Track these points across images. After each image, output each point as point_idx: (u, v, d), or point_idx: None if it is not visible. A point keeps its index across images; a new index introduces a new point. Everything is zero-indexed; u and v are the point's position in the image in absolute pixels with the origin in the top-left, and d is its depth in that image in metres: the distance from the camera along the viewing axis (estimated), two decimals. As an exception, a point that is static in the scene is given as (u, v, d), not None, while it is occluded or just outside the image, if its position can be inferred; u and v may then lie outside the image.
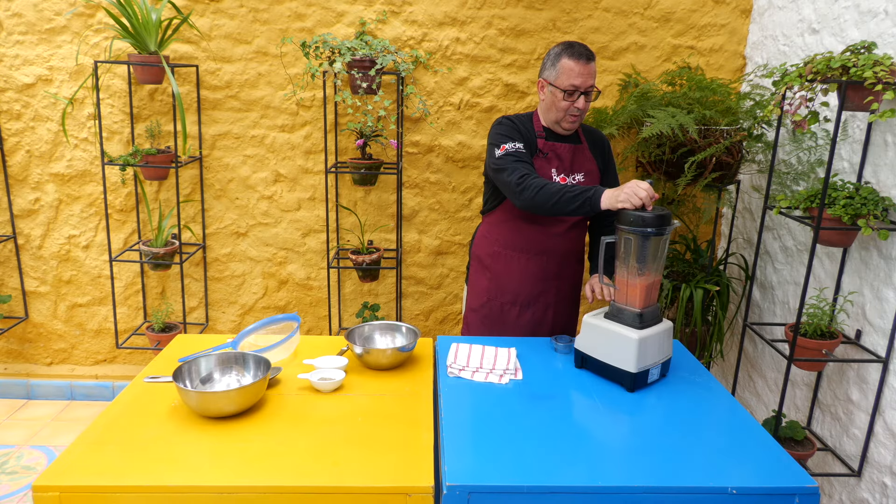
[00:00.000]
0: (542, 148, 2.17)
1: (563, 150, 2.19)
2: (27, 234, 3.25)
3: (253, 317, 3.41)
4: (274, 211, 3.26)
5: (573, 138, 2.23)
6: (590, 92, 2.09)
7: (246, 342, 1.93)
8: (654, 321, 1.79)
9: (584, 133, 2.27)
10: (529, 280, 2.24)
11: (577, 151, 2.21)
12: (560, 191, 1.93)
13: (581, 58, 2.05)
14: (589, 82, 2.08)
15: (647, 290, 1.76)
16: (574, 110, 2.09)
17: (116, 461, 1.38)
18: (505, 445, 1.45)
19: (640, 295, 1.76)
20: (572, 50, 2.07)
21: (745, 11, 3.06)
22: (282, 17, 3.02)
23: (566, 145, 2.19)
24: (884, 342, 2.13)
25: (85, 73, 3.05)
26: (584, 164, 2.21)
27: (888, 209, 2.09)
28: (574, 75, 2.05)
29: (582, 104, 2.08)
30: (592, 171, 2.22)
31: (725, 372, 3.19)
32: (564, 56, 2.07)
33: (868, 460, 2.20)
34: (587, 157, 2.23)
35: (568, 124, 2.14)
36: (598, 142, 2.28)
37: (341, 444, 1.46)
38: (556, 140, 2.19)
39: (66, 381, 3.34)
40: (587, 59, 2.06)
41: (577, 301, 2.39)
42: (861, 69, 1.94)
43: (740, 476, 1.37)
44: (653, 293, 1.79)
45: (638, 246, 1.74)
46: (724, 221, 3.23)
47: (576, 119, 2.13)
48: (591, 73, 2.08)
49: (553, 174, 2.16)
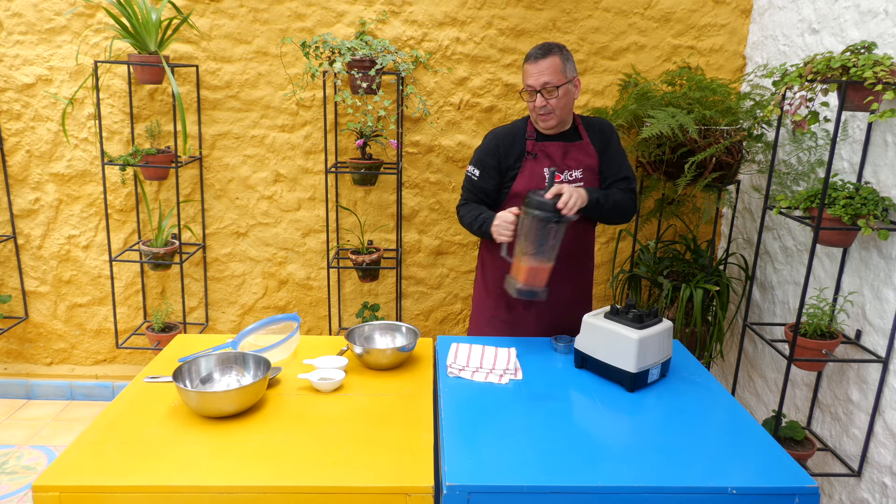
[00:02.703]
0: (531, 150, 2.20)
1: (553, 148, 2.19)
2: (27, 234, 3.25)
3: (253, 317, 3.41)
4: (274, 211, 3.26)
5: (569, 135, 2.21)
6: (548, 89, 2.09)
7: (246, 342, 1.93)
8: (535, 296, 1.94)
9: (586, 126, 2.25)
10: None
11: (574, 148, 2.20)
12: (472, 219, 2.18)
13: (531, 58, 2.10)
14: (542, 80, 2.08)
15: (530, 271, 1.92)
16: (539, 109, 2.12)
17: (116, 461, 1.38)
18: (505, 445, 1.45)
19: (524, 273, 1.93)
20: (528, 53, 2.13)
21: (745, 11, 3.06)
22: (282, 17, 3.02)
23: (557, 143, 2.19)
24: (884, 342, 2.13)
25: (85, 73, 3.05)
26: (580, 161, 2.19)
27: (888, 209, 2.09)
28: (528, 76, 2.11)
29: (539, 102, 2.10)
30: (591, 165, 2.20)
31: (725, 372, 3.19)
32: (524, 61, 2.15)
33: (868, 460, 2.20)
34: (586, 153, 2.20)
35: (542, 123, 2.17)
36: (598, 132, 2.24)
37: (341, 444, 1.46)
38: (547, 139, 2.20)
39: (66, 381, 3.34)
40: (535, 57, 2.09)
41: (588, 304, 2.36)
42: (861, 69, 1.94)
43: (740, 476, 1.37)
44: (538, 276, 1.94)
45: (526, 225, 1.90)
46: (724, 221, 3.23)
47: (545, 117, 2.14)
48: (544, 70, 2.08)
49: (546, 173, 2.17)
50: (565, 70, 2.10)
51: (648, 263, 3.02)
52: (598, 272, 3.39)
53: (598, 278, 3.40)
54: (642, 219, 3.11)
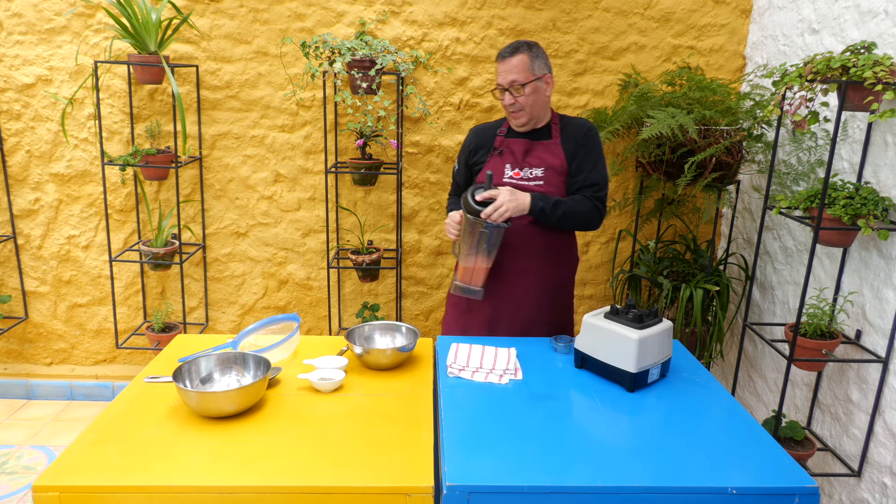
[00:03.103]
0: (498, 146, 2.24)
1: (517, 145, 2.22)
2: (27, 234, 3.25)
3: (253, 317, 3.41)
4: (274, 211, 3.26)
5: (539, 133, 2.22)
6: (515, 87, 2.11)
7: (246, 342, 1.93)
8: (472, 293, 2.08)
9: (563, 126, 2.24)
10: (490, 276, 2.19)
11: (539, 147, 2.20)
12: (448, 212, 2.25)
13: (500, 56, 2.14)
14: (510, 78, 2.11)
15: (466, 270, 2.07)
16: (509, 107, 2.16)
17: (116, 461, 1.38)
18: (505, 445, 1.45)
19: (461, 271, 2.09)
20: (500, 51, 2.16)
21: (745, 11, 3.06)
22: (282, 17, 3.02)
23: (521, 140, 2.22)
24: (884, 342, 2.13)
25: (85, 73, 3.05)
26: (543, 160, 2.19)
27: (888, 209, 2.09)
28: (498, 74, 2.16)
29: (508, 100, 2.14)
30: (555, 166, 2.18)
31: (725, 372, 3.19)
32: (496, 59, 2.19)
33: (868, 460, 2.20)
34: (552, 153, 2.19)
35: (513, 121, 2.20)
36: (572, 134, 2.22)
37: (341, 444, 1.46)
38: (515, 136, 2.24)
39: (66, 381, 3.34)
40: (504, 56, 2.13)
41: (550, 300, 2.29)
42: (861, 69, 1.94)
43: (740, 476, 1.37)
44: (474, 275, 2.07)
45: (465, 226, 2.03)
46: (724, 221, 3.23)
47: (515, 115, 2.17)
48: (511, 68, 2.11)
49: (507, 169, 2.21)
50: (533, 68, 2.12)
51: (648, 263, 3.02)
52: (598, 272, 3.39)
53: (598, 278, 3.40)
54: (642, 219, 3.11)
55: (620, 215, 3.29)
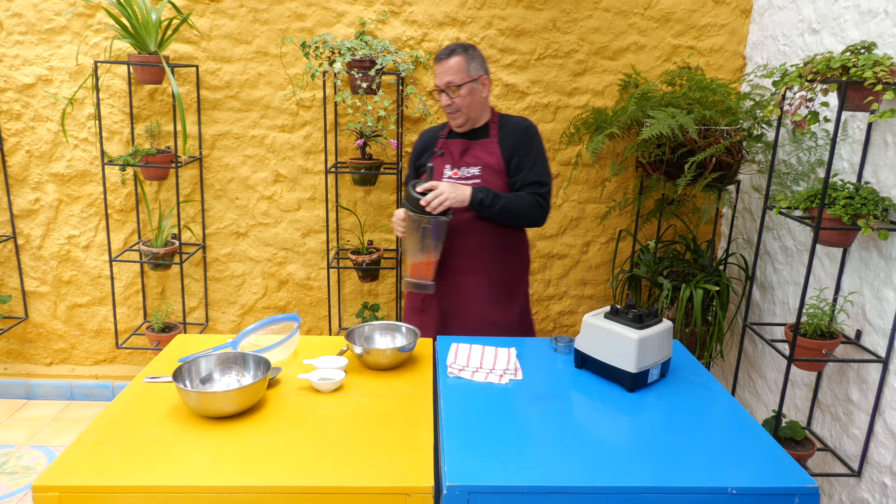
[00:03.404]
0: (440, 147, 2.30)
1: (455, 145, 2.27)
2: (27, 234, 3.25)
3: (253, 317, 3.41)
4: (274, 211, 3.26)
5: (478, 133, 2.27)
6: (451, 88, 2.16)
7: (246, 342, 1.93)
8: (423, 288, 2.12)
9: (501, 125, 2.27)
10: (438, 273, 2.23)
11: (477, 146, 2.24)
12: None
13: (437, 59, 2.19)
14: (445, 79, 2.16)
15: (415, 265, 2.11)
16: (446, 108, 2.22)
17: (116, 461, 1.38)
18: (505, 445, 1.45)
19: (409, 266, 2.13)
20: (437, 53, 2.21)
21: (745, 11, 3.06)
22: (282, 17, 3.02)
23: (459, 141, 2.27)
24: (884, 342, 2.13)
25: (85, 73, 3.05)
26: (480, 158, 2.23)
27: (888, 209, 2.09)
28: (435, 75, 2.21)
29: (444, 101, 2.19)
30: (491, 164, 2.21)
31: (725, 372, 3.19)
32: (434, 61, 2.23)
33: (868, 460, 2.20)
34: (488, 151, 2.23)
35: (451, 122, 2.26)
36: (510, 133, 2.24)
37: (341, 444, 1.46)
38: (454, 137, 2.29)
39: (66, 381, 3.34)
40: (440, 58, 2.17)
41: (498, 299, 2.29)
42: (861, 69, 1.94)
43: (740, 476, 1.37)
44: (422, 270, 2.11)
45: (409, 222, 2.08)
46: (724, 221, 3.23)
47: (453, 115, 2.22)
48: (446, 70, 2.16)
49: (446, 169, 2.26)
50: (469, 69, 2.17)
51: (648, 263, 3.02)
52: (598, 272, 3.39)
53: (598, 278, 3.40)
54: (642, 219, 3.11)
55: (620, 215, 3.29)
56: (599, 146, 2.60)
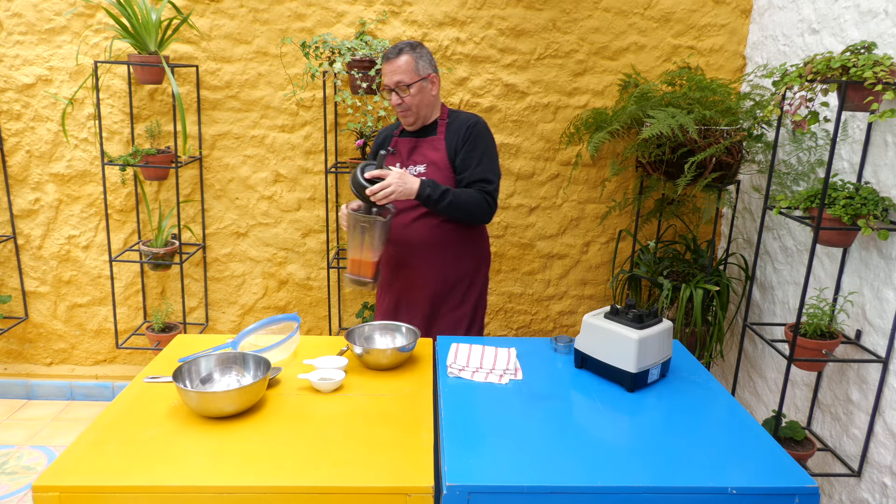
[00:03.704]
0: (392, 145, 2.32)
1: (404, 143, 2.30)
2: (27, 234, 3.25)
3: (253, 317, 3.41)
4: (274, 211, 3.26)
5: (426, 131, 2.28)
6: (401, 87, 2.16)
7: (246, 342, 1.93)
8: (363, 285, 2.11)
9: (450, 121, 2.28)
10: (386, 267, 2.32)
11: (424, 143, 2.26)
12: None
13: (386, 58, 2.19)
14: (395, 78, 2.16)
15: (353, 262, 2.10)
16: (396, 107, 2.22)
17: (116, 461, 1.38)
18: (505, 445, 1.45)
19: (349, 263, 2.11)
20: (386, 52, 2.20)
21: (745, 11, 3.06)
22: (282, 17, 3.02)
23: (408, 139, 2.29)
24: (884, 342, 2.13)
25: (85, 73, 3.05)
26: (426, 156, 2.24)
27: (888, 209, 2.09)
28: (384, 75, 2.20)
29: (394, 100, 2.19)
30: (436, 160, 2.23)
31: (725, 372, 3.19)
32: (382, 60, 2.21)
33: (868, 460, 2.20)
34: (434, 147, 2.24)
35: (402, 120, 2.27)
36: (457, 130, 2.24)
37: (341, 444, 1.46)
38: (406, 135, 2.31)
39: (66, 381, 3.34)
40: (389, 57, 2.17)
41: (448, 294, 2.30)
42: (861, 69, 1.94)
43: (740, 476, 1.37)
44: (361, 268, 2.09)
45: (350, 221, 2.08)
46: (724, 221, 3.23)
47: (403, 114, 2.23)
48: (396, 69, 2.15)
49: (397, 167, 2.23)
50: (418, 68, 2.17)
51: (648, 263, 3.02)
52: (598, 272, 3.39)
53: (598, 278, 3.40)
54: (642, 219, 3.11)
55: (620, 215, 3.29)
56: (601, 142, 2.60)
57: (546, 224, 3.30)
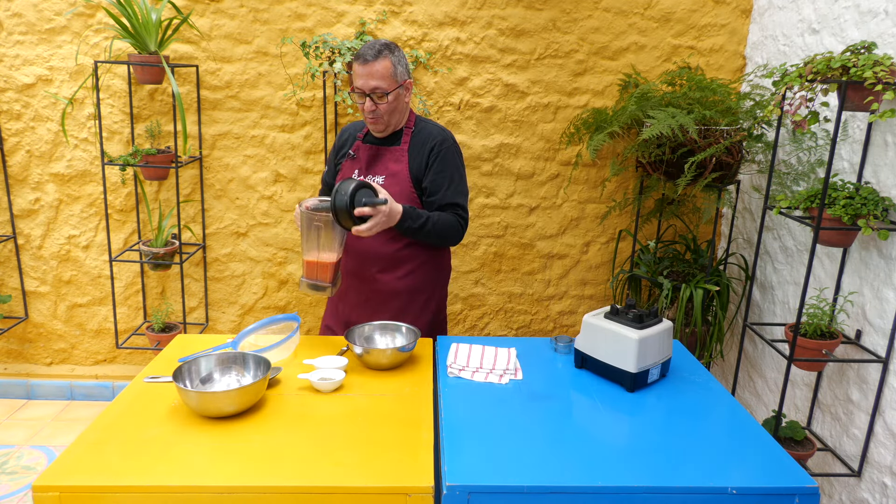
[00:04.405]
0: (353, 150, 2.19)
1: (365, 151, 2.16)
2: (27, 234, 3.25)
3: (253, 317, 3.41)
4: (274, 211, 3.26)
5: (391, 139, 2.15)
6: (378, 94, 2.00)
7: (246, 342, 1.93)
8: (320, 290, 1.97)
9: (417, 131, 2.15)
10: (344, 277, 2.20)
11: (386, 153, 2.13)
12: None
13: (361, 58, 1.99)
14: (372, 84, 1.98)
15: (309, 265, 1.96)
16: (368, 114, 2.04)
17: (116, 461, 1.38)
18: (505, 445, 1.45)
19: (305, 265, 1.97)
20: (360, 51, 2.01)
21: (745, 11, 3.06)
22: (282, 17, 3.02)
23: (371, 147, 2.15)
24: (884, 342, 2.13)
25: (85, 73, 3.05)
26: (387, 167, 2.12)
27: (888, 209, 2.09)
28: (357, 77, 2.00)
29: (369, 106, 2.01)
30: (398, 172, 2.11)
31: (725, 372, 3.19)
32: (354, 59, 2.03)
33: (868, 460, 2.20)
34: (396, 159, 2.12)
35: (371, 127, 2.10)
36: (421, 146, 2.12)
37: (341, 444, 1.46)
38: (369, 142, 2.17)
39: (66, 381, 3.34)
40: (366, 59, 1.98)
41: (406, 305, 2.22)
42: (861, 69, 1.94)
43: (740, 476, 1.37)
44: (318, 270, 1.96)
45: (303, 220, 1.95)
46: (724, 221, 3.23)
47: (374, 121, 2.07)
48: (373, 73, 1.97)
49: (356, 174, 2.15)
50: (396, 74, 2.02)
51: (648, 263, 3.02)
52: (598, 272, 3.39)
53: (598, 278, 3.40)
54: (642, 219, 3.11)
55: (620, 215, 3.29)
56: (600, 145, 2.60)
57: (546, 224, 3.30)
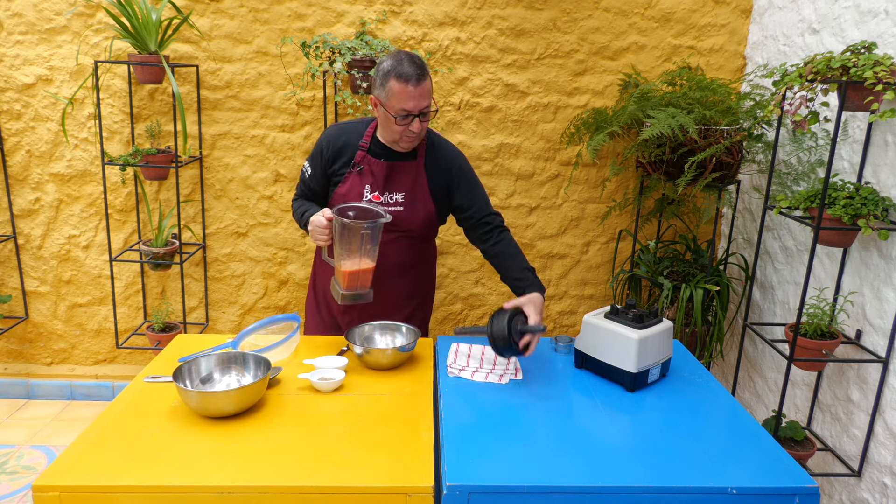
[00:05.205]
0: (359, 160, 2.03)
1: (379, 166, 2.02)
2: (27, 234, 3.25)
3: (253, 317, 3.41)
4: (274, 211, 3.26)
5: (406, 154, 2.04)
6: (426, 113, 1.93)
7: (246, 342, 1.93)
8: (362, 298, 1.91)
9: (430, 147, 2.07)
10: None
11: (401, 169, 2.03)
12: (298, 217, 2.07)
13: (411, 80, 1.85)
14: (423, 104, 1.89)
15: (351, 275, 1.88)
16: (409, 133, 1.94)
17: (116, 461, 1.38)
18: (505, 445, 1.45)
19: (345, 277, 1.88)
20: (401, 68, 1.86)
21: (745, 11, 3.06)
22: (282, 17, 3.02)
23: (384, 162, 2.02)
24: (884, 342, 2.13)
25: (85, 73, 3.05)
26: (405, 183, 2.03)
27: (888, 209, 2.09)
28: (405, 99, 1.87)
29: (417, 127, 1.92)
30: (417, 189, 2.04)
31: (725, 372, 3.19)
32: (392, 77, 1.86)
33: (868, 460, 2.20)
34: (414, 175, 2.04)
35: (406, 144, 1.99)
36: (441, 165, 2.06)
37: (341, 444, 1.46)
38: (376, 154, 2.04)
39: (66, 381, 3.34)
40: (418, 79, 1.86)
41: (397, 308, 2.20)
42: (861, 69, 1.94)
43: (740, 476, 1.37)
44: (359, 279, 1.89)
45: (338, 229, 1.86)
46: (724, 221, 3.23)
47: (411, 140, 1.97)
48: (424, 93, 1.88)
49: (366, 192, 2.03)
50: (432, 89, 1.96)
51: (648, 263, 3.02)
52: (598, 272, 3.39)
53: (598, 278, 3.40)
54: (642, 219, 3.11)
55: (620, 215, 3.29)
56: (600, 145, 2.60)
57: (546, 224, 3.30)
